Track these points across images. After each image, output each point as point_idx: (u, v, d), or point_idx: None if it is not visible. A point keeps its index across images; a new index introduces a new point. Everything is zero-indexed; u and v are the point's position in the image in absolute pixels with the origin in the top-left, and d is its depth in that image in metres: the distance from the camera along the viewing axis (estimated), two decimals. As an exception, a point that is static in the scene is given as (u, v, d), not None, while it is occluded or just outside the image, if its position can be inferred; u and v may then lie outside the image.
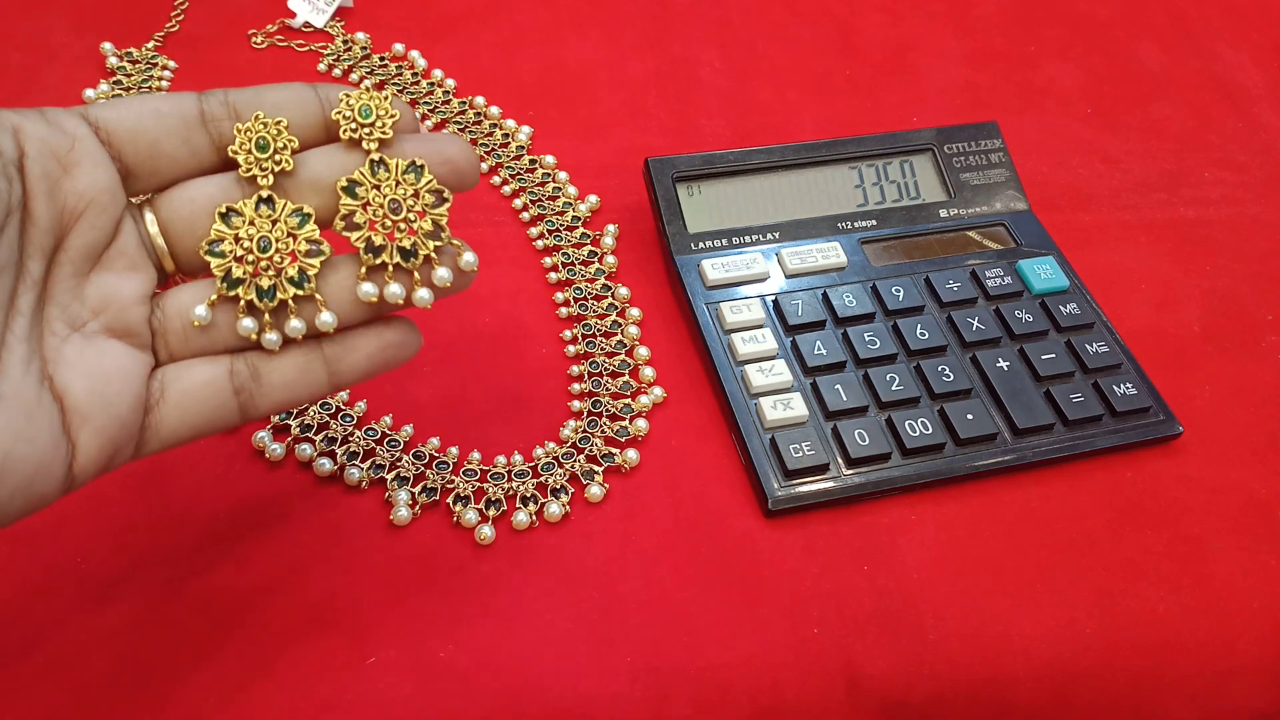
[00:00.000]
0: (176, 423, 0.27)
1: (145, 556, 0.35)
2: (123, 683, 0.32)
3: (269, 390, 0.28)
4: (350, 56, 0.56)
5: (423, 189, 0.28)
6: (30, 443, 0.24)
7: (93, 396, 0.26)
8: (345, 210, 0.28)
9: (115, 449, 0.26)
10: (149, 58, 0.54)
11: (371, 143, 0.28)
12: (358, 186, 0.28)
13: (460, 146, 0.29)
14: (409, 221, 0.28)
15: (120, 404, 0.26)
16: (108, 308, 0.27)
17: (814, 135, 0.54)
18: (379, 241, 0.28)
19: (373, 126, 0.28)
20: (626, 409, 0.41)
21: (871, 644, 0.35)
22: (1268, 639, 0.36)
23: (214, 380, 0.28)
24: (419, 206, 0.28)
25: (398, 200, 0.28)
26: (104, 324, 0.27)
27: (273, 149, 0.28)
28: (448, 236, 0.28)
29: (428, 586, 0.35)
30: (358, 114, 0.28)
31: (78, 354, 0.26)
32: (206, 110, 0.28)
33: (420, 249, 0.28)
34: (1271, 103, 0.59)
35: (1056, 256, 0.46)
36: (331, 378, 0.29)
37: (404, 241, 0.28)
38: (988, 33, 0.62)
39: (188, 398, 0.27)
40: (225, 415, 0.28)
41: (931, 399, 0.41)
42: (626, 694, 0.33)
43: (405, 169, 0.28)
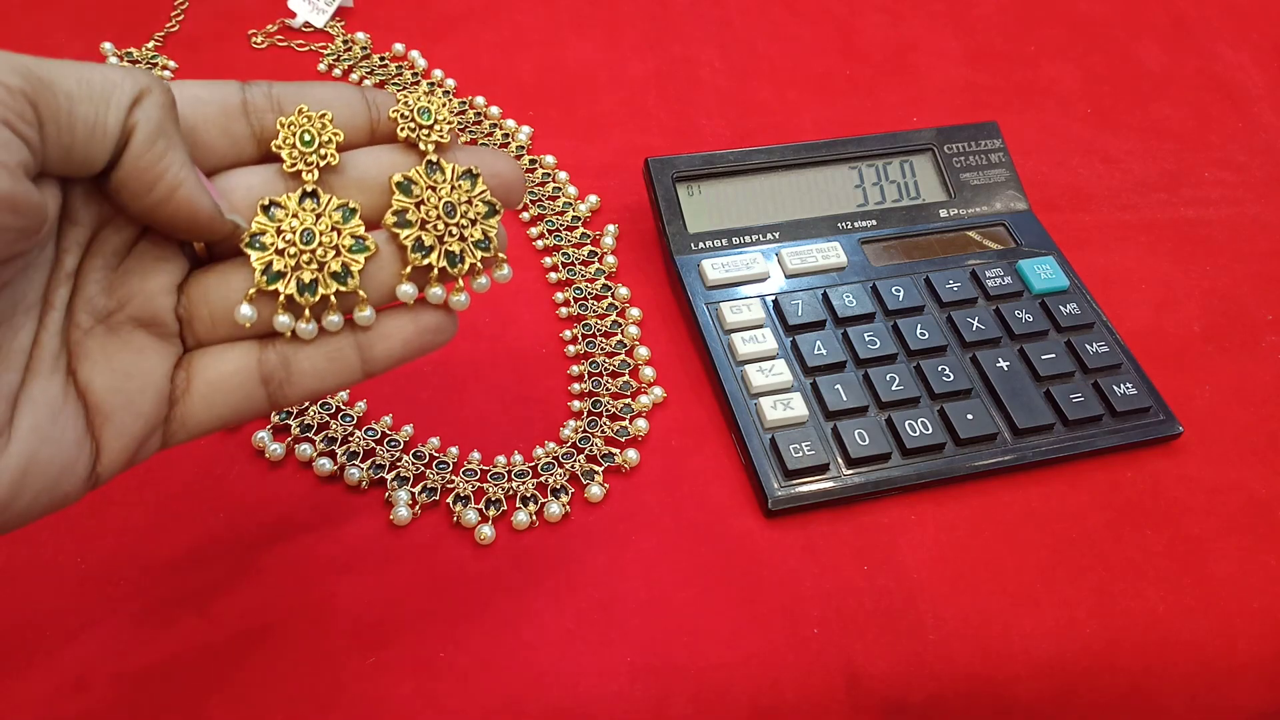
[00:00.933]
0: (204, 413, 0.27)
1: (145, 556, 0.35)
2: (122, 683, 0.32)
3: (299, 378, 0.27)
4: (350, 56, 0.56)
5: (476, 197, 0.28)
6: (56, 444, 0.24)
7: (115, 394, 0.25)
8: (398, 206, 0.27)
9: (139, 445, 0.26)
10: (149, 58, 0.54)
11: (429, 144, 0.28)
12: (413, 185, 0.27)
13: (509, 163, 0.29)
14: (461, 227, 0.27)
15: (143, 401, 0.25)
16: (134, 298, 0.26)
17: (814, 135, 0.54)
18: (429, 242, 0.27)
19: (431, 129, 0.28)
20: (626, 409, 0.41)
21: (871, 644, 0.35)
22: (1268, 639, 0.36)
23: (242, 370, 0.27)
24: (471, 214, 0.28)
25: (453, 204, 0.27)
26: (130, 314, 0.26)
27: (318, 143, 0.27)
28: (495, 249, 0.28)
29: (428, 586, 0.35)
30: (416, 115, 0.27)
31: (100, 348, 0.25)
32: (249, 100, 0.27)
33: (467, 257, 0.27)
34: (1271, 103, 0.59)
35: (1056, 256, 0.46)
36: (365, 365, 0.28)
37: (453, 246, 0.27)
38: (988, 33, 0.62)
39: (215, 388, 0.27)
40: (254, 404, 0.27)
41: (931, 399, 0.41)
42: (626, 694, 0.33)
43: (461, 174, 0.28)
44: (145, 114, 0.23)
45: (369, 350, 0.28)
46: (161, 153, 0.24)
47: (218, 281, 0.27)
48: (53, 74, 0.22)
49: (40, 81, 0.22)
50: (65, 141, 0.22)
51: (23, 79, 0.21)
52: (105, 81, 0.23)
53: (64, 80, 0.22)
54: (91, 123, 0.23)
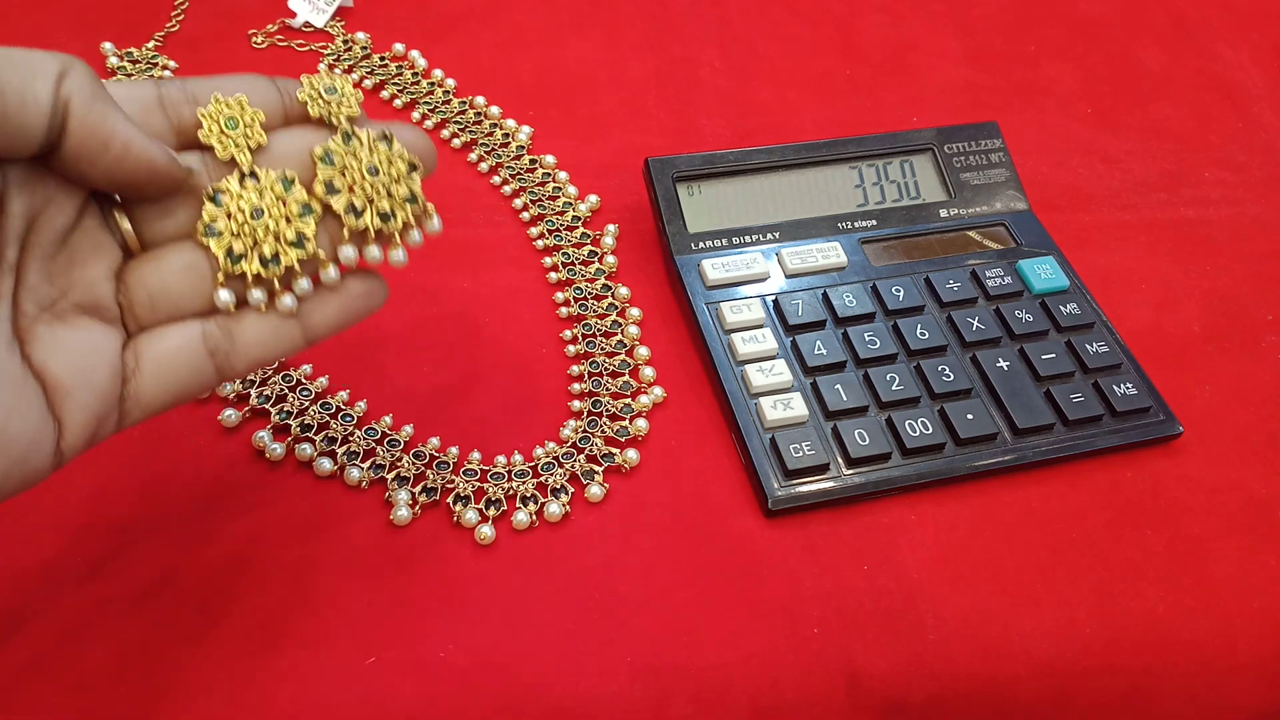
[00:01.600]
0: (156, 389, 0.28)
1: (145, 556, 0.35)
2: (122, 683, 0.32)
3: (244, 349, 0.29)
4: (350, 56, 0.56)
5: (396, 157, 0.29)
6: (23, 418, 0.25)
7: (71, 372, 0.26)
8: (324, 176, 0.28)
9: (99, 421, 0.27)
10: (149, 58, 0.54)
11: (340, 118, 0.29)
12: (334, 155, 0.29)
13: (417, 134, 0.30)
14: (386, 186, 0.29)
15: (98, 377, 0.27)
16: (75, 286, 0.27)
17: (814, 135, 0.54)
18: (359, 205, 0.28)
19: (339, 103, 0.29)
20: (626, 409, 0.41)
21: (871, 644, 0.35)
22: (1268, 639, 0.36)
23: (188, 345, 0.28)
24: (394, 173, 0.29)
25: (375, 165, 0.29)
26: (73, 301, 0.27)
27: (242, 125, 0.28)
28: (423, 201, 0.29)
29: (428, 586, 0.35)
30: (324, 93, 0.29)
31: (50, 332, 0.26)
32: (165, 95, 0.28)
33: (399, 212, 0.29)
34: (1271, 103, 0.59)
35: (1056, 256, 0.46)
36: (306, 332, 0.29)
37: (383, 204, 0.29)
38: (988, 33, 0.62)
39: (163, 365, 0.28)
40: (202, 377, 0.28)
41: (931, 399, 0.41)
42: (626, 694, 0.33)
43: (376, 138, 0.29)
44: (76, 84, 0.25)
45: (307, 318, 0.29)
46: (103, 113, 0.25)
47: (153, 267, 0.28)
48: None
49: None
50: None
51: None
52: (27, 57, 0.24)
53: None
54: (20, 92, 0.23)
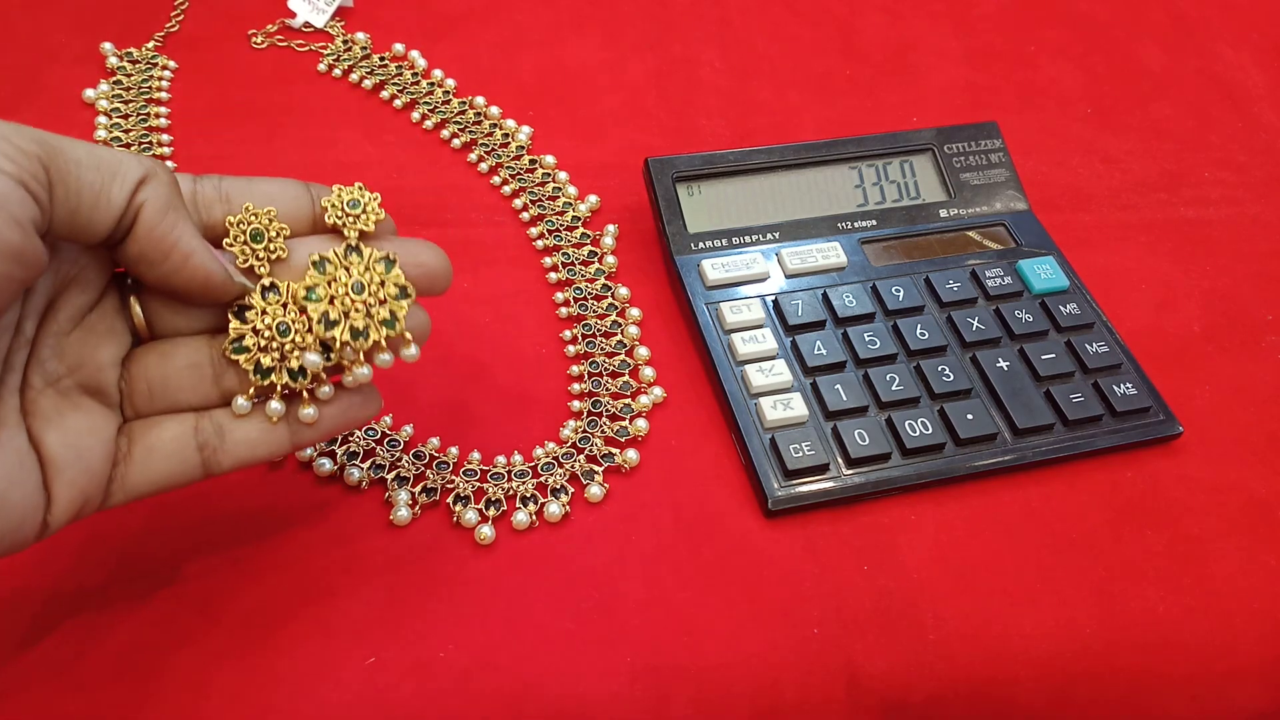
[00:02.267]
0: (142, 477, 0.29)
1: (145, 556, 0.35)
2: (122, 683, 0.32)
3: (232, 448, 0.29)
4: (350, 56, 0.56)
5: (390, 279, 0.30)
6: (21, 488, 0.26)
7: (66, 449, 0.27)
8: (310, 281, 0.29)
9: (85, 500, 0.27)
10: (149, 58, 0.54)
11: (352, 231, 0.30)
12: (327, 263, 0.29)
13: (434, 253, 0.31)
14: (368, 305, 0.29)
15: (91, 457, 0.27)
16: (83, 367, 0.28)
17: (814, 135, 0.54)
18: (334, 316, 0.29)
19: (357, 217, 0.30)
20: (626, 409, 0.41)
21: (871, 644, 0.35)
22: (1268, 639, 0.36)
23: (179, 437, 0.29)
24: (382, 295, 0.29)
25: (361, 282, 0.29)
26: (78, 381, 0.28)
27: (266, 239, 0.29)
28: (400, 329, 0.30)
29: (428, 586, 0.35)
30: (345, 205, 0.30)
31: (53, 408, 0.27)
32: (199, 192, 0.29)
33: (372, 332, 0.29)
34: (1271, 103, 0.59)
35: (1056, 256, 0.46)
36: (293, 436, 0.30)
37: (357, 320, 0.29)
38: (988, 33, 0.62)
39: (154, 454, 0.29)
40: (188, 471, 0.29)
41: (931, 399, 0.41)
42: (626, 694, 0.33)
43: (378, 259, 0.30)
44: (154, 192, 0.26)
45: (297, 425, 0.30)
46: (171, 225, 0.26)
47: (158, 359, 0.29)
48: (64, 144, 0.24)
49: (53, 148, 0.24)
50: (71, 204, 0.25)
51: (38, 145, 0.23)
52: (113, 158, 0.25)
53: (74, 150, 0.25)
54: (96, 191, 0.25)
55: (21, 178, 0.23)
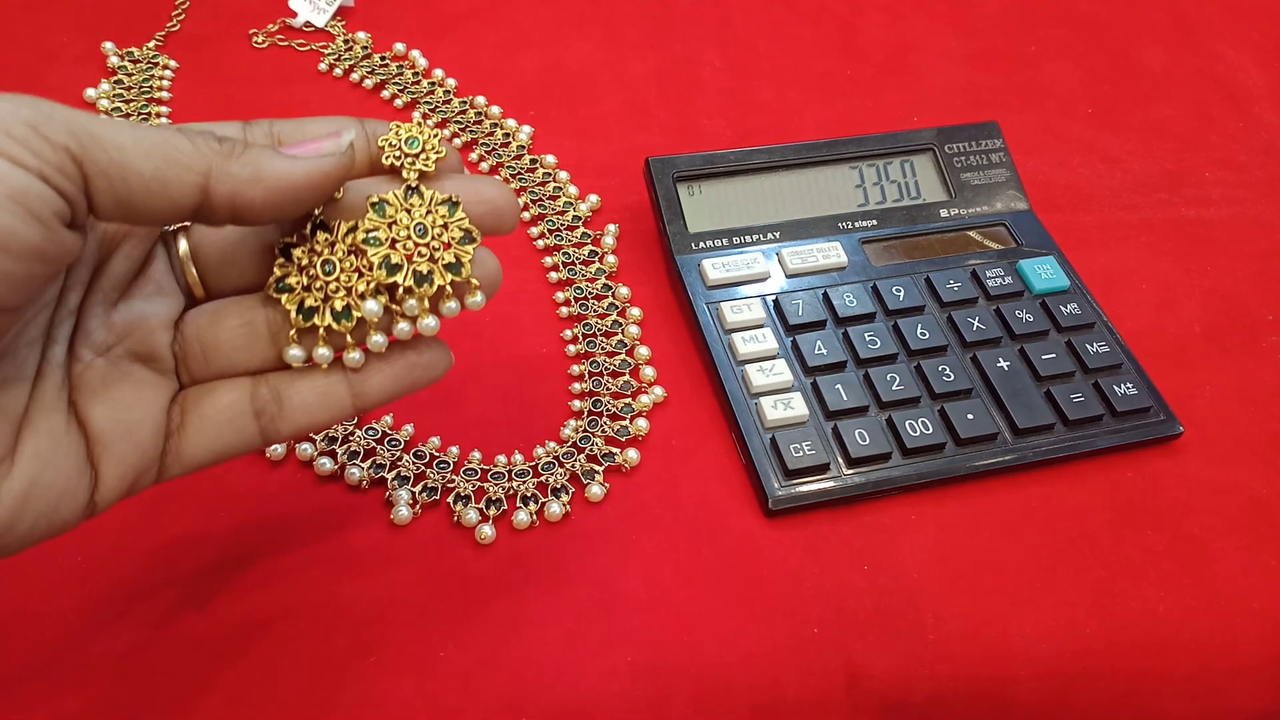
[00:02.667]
0: (198, 448, 0.27)
1: (145, 555, 0.35)
2: (121, 682, 0.32)
3: (291, 413, 0.28)
4: (351, 56, 0.56)
5: (454, 223, 0.28)
6: (57, 471, 0.24)
7: (114, 424, 0.26)
8: (369, 225, 0.27)
9: (136, 476, 0.26)
10: (150, 57, 0.54)
11: (412, 172, 0.28)
12: (387, 205, 0.27)
13: (500, 190, 0.29)
14: (432, 249, 0.27)
15: (141, 432, 0.26)
16: (133, 333, 0.26)
17: (814, 135, 0.54)
18: (396, 260, 0.27)
19: (416, 157, 0.28)
20: (627, 409, 0.41)
21: (871, 644, 0.35)
22: (1268, 639, 0.36)
23: (235, 404, 0.27)
24: (446, 238, 0.28)
25: (424, 225, 0.27)
26: (128, 349, 0.26)
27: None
28: (467, 274, 0.28)
29: (428, 586, 0.35)
30: (404, 144, 0.28)
31: (100, 380, 0.26)
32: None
33: (436, 277, 0.27)
34: (1271, 103, 0.59)
35: (1057, 256, 0.46)
36: (356, 399, 0.28)
37: (421, 266, 0.27)
38: (988, 33, 0.62)
39: (209, 422, 0.27)
40: (247, 439, 0.28)
41: (932, 399, 0.41)
42: (626, 694, 0.33)
43: (441, 201, 0.28)
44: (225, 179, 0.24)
45: (360, 384, 0.28)
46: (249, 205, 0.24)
47: (210, 319, 0.28)
48: (104, 130, 0.22)
49: (90, 136, 0.22)
50: (119, 194, 0.23)
51: (69, 134, 0.21)
52: (165, 144, 0.23)
53: (117, 135, 0.22)
54: (148, 179, 0.23)
55: (43, 171, 0.21)
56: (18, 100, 0.21)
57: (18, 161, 0.21)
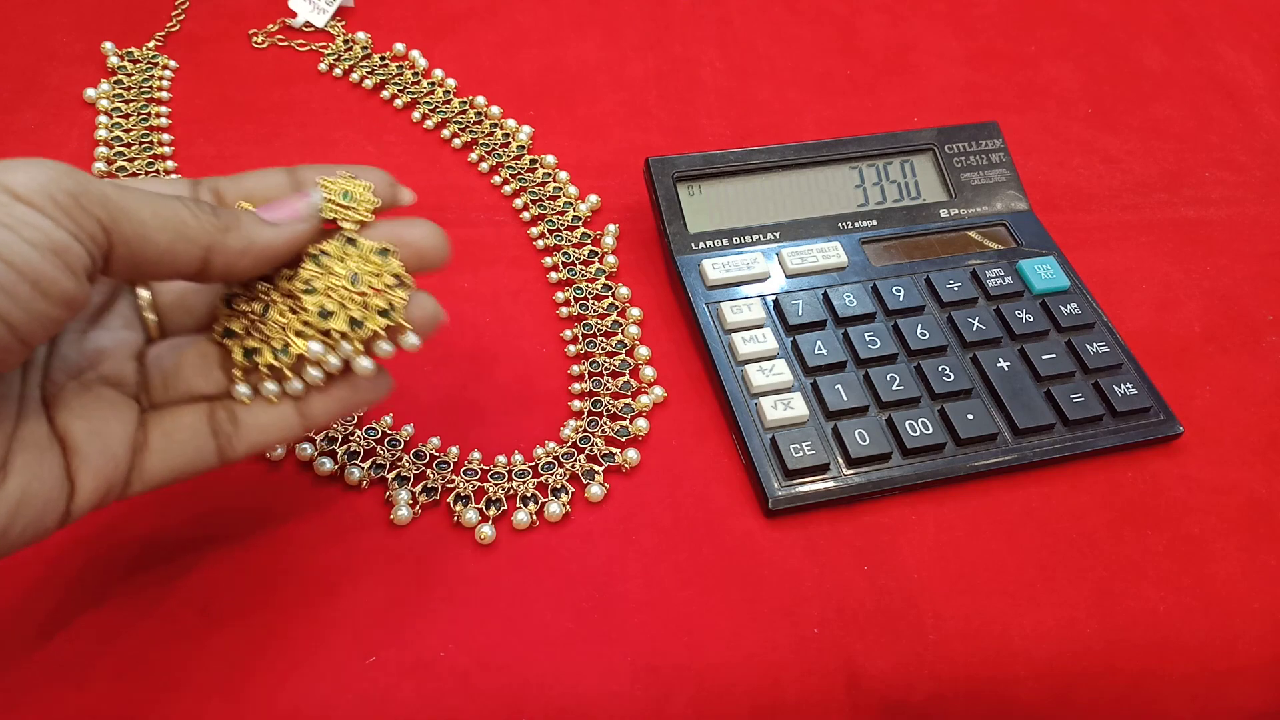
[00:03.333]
0: (159, 464, 0.29)
1: (145, 555, 0.35)
2: (122, 683, 0.32)
3: (245, 433, 0.30)
4: (351, 56, 0.56)
5: (386, 270, 0.30)
6: (43, 481, 0.26)
7: (91, 438, 0.28)
8: (305, 275, 0.30)
9: (108, 487, 0.28)
10: (150, 57, 0.54)
11: (349, 224, 0.30)
12: (324, 256, 0.30)
13: (427, 231, 0.31)
14: (364, 295, 0.30)
15: (115, 446, 0.28)
16: (104, 360, 0.29)
17: (814, 135, 0.54)
18: (331, 308, 0.29)
19: (350, 209, 0.30)
20: (627, 409, 0.41)
21: (871, 644, 0.35)
22: (1268, 639, 0.36)
23: (194, 425, 0.30)
24: (379, 284, 0.30)
25: (357, 274, 0.30)
26: (100, 374, 0.29)
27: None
28: (397, 318, 0.30)
29: (428, 586, 0.35)
30: (338, 198, 0.30)
31: (76, 398, 0.28)
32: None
33: (369, 323, 0.30)
34: (1271, 103, 0.59)
35: (1057, 256, 0.46)
36: (303, 419, 0.31)
37: (354, 311, 0.30)
38: (988, 33, 0.62)
39: (170, 441, 0.30)
40: (204, 458, 0.30)
41: (932, 399, 0.41)
42: (626, 694, 0.33)
43: (375, 251, 0.30)
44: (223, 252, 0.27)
45: (307, 407, 0.31)
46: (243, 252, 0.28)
47: (171, 350, 0.31)
48: (130, 204, 0.25)
49: (118, 211, 0.25)
50: (134, 261, 0.26)
51: (103, 207, 0.25)
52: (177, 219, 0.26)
53: (140, 210, 0.25)
54: (160, 250, 0.26)
55: (79, 234, 0.24)
56: (60, 169, 0.24)
57: (60, 224, 0.24)
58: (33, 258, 0.23)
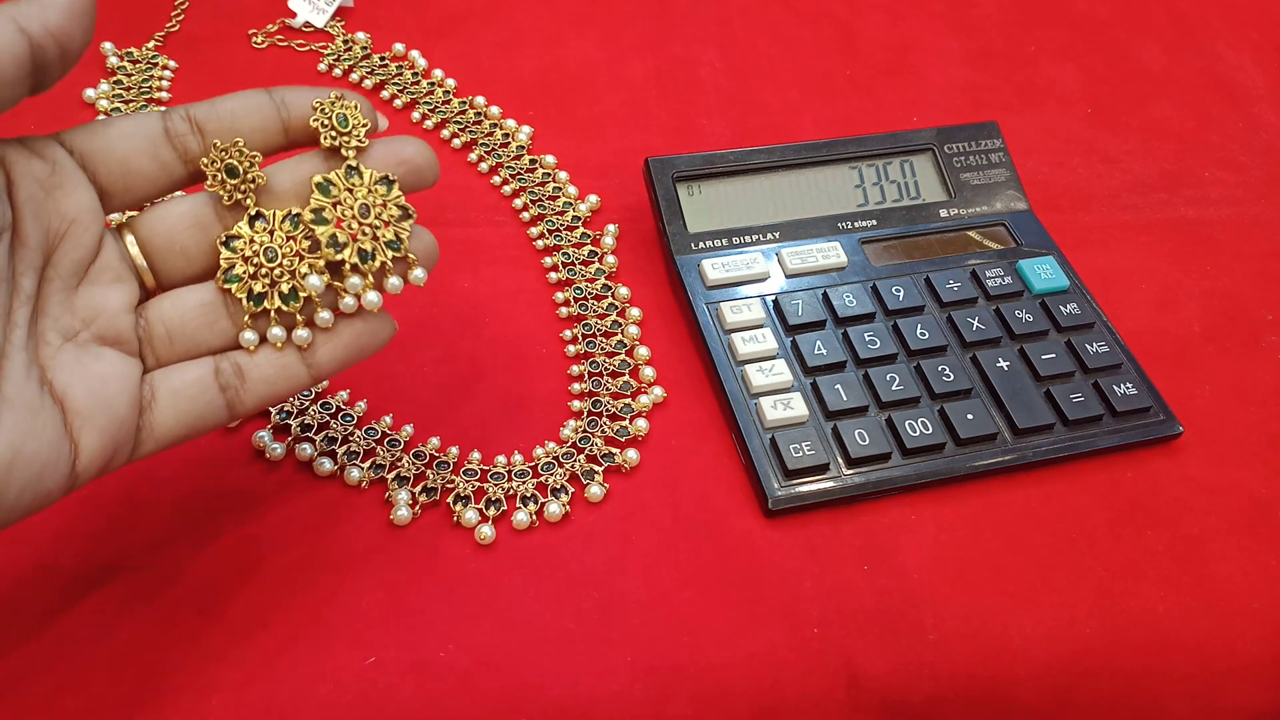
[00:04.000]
0: (170, 421, 0.29)
1: (145, 555, 0.35)
2: (122, 683, 0.32)
3: (253, 385, 0.30)
4: (350, 56, 0.56)
5: (390, 201, 0.30)
6: (37, 440, 0.26)
7: (92, 398, 0.27)
8: (315, 204, 0.29)
9: (115, 448, 0.28)
10: (149, 57, 0.54)
11: (350, 150, 0.30)
12: (331, 186, 0.29)
13: (418, 148, 0.31)
14: (374, 227, 0.29)
15: (118, 404, 0.28)
16: (97, 318, 0.28)
17: (814, 135, 0.54)
18: (342, 239, 0.29)
19: (350, 134, 0.30)
20: (626, 409, 0.41)
21: (871, 644, 0.35)
22: (1268, 639, 0.36)
23: (201, 379, 0.29)
24: (385, 216, 0.30)
25: (368, 205, 0.29)
26: (95, 333, 0.28)
27: (241, 171, 0.29)
28: (405, 249, 0.30)
29: (428, 586, 0.35)
30: (335, 123, 0.30)
31: (73, 360, 0.27)
32: (170, 127, 0.29)
33: (378, 254, 0.30)
34: (1271, 103, 0.59)
35: (1056, 256, 0.46)
36: (310, 369, 0.30)
37: (365, 243, 0.29)
38: (988, 33, 0.62)
39: (178, 397, 0.29)
40: (214, 412, 0.30)
41: (932, 399, 0.41)
42: (626, 694, 0.33)
43: (378, 180, 0.30)
44: None
45: (313, 355, 0.30)
46: None
47: (172, 304, 0.30)
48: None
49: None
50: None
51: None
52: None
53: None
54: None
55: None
56: None
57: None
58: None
